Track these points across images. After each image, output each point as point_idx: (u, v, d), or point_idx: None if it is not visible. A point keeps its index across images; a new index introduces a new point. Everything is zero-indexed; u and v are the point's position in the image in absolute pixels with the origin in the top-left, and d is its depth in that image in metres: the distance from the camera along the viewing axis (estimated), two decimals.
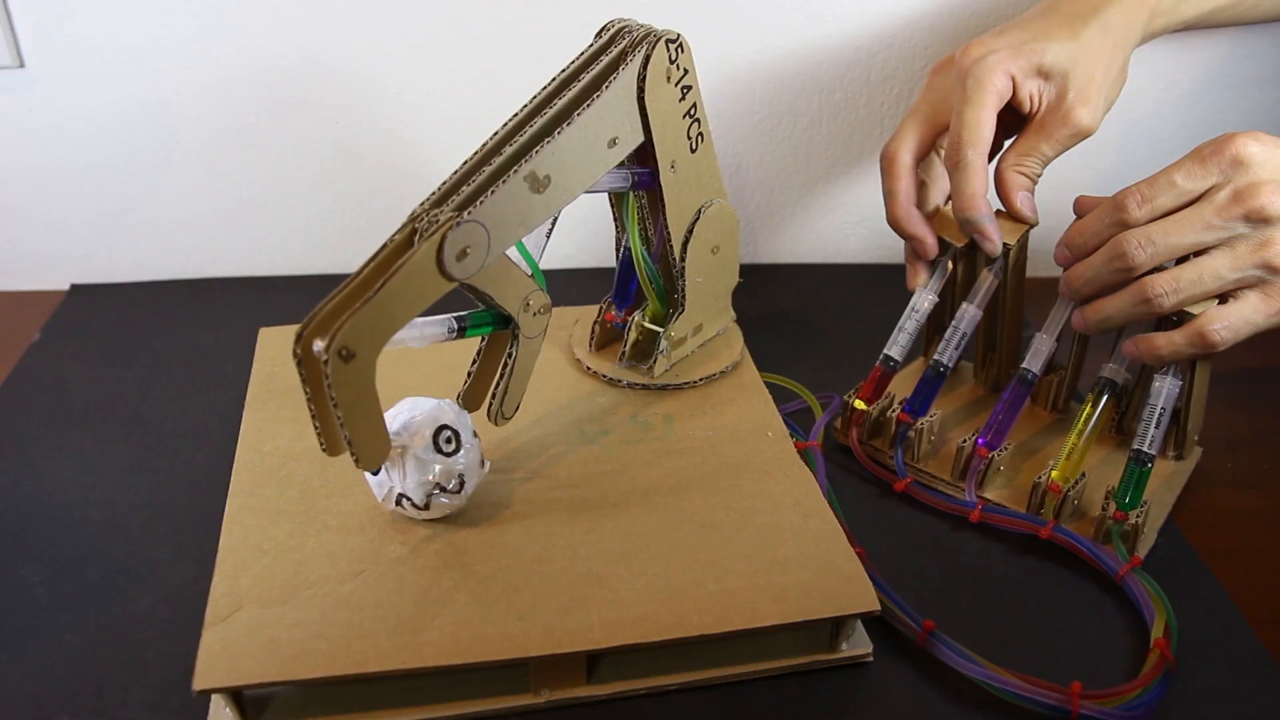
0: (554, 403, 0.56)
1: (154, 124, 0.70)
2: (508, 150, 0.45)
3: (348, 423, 0.41)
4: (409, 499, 0.45)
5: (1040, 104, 0.55)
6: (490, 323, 0.47)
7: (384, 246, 0.42)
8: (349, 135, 0.72)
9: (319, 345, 0.39)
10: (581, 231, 0.77)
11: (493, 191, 0.43)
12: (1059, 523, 0.51)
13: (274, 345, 0.61)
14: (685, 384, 0.58)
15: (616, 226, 0.57)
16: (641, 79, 0.48)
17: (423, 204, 0.43)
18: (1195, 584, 0.50)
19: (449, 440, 0.45)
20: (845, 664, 0.45)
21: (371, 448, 0.42)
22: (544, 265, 0.49)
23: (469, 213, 0.42)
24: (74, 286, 0.75)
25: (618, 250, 0.58)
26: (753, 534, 0.47)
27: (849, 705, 0.44)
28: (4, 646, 0.45)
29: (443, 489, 0.45)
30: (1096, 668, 0.46)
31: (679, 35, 0.49)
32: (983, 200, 0.53)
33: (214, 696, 0.41)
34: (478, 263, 0.43)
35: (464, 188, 0.43)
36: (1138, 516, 0.50)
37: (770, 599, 0.43)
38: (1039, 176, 0.55)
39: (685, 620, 0.42)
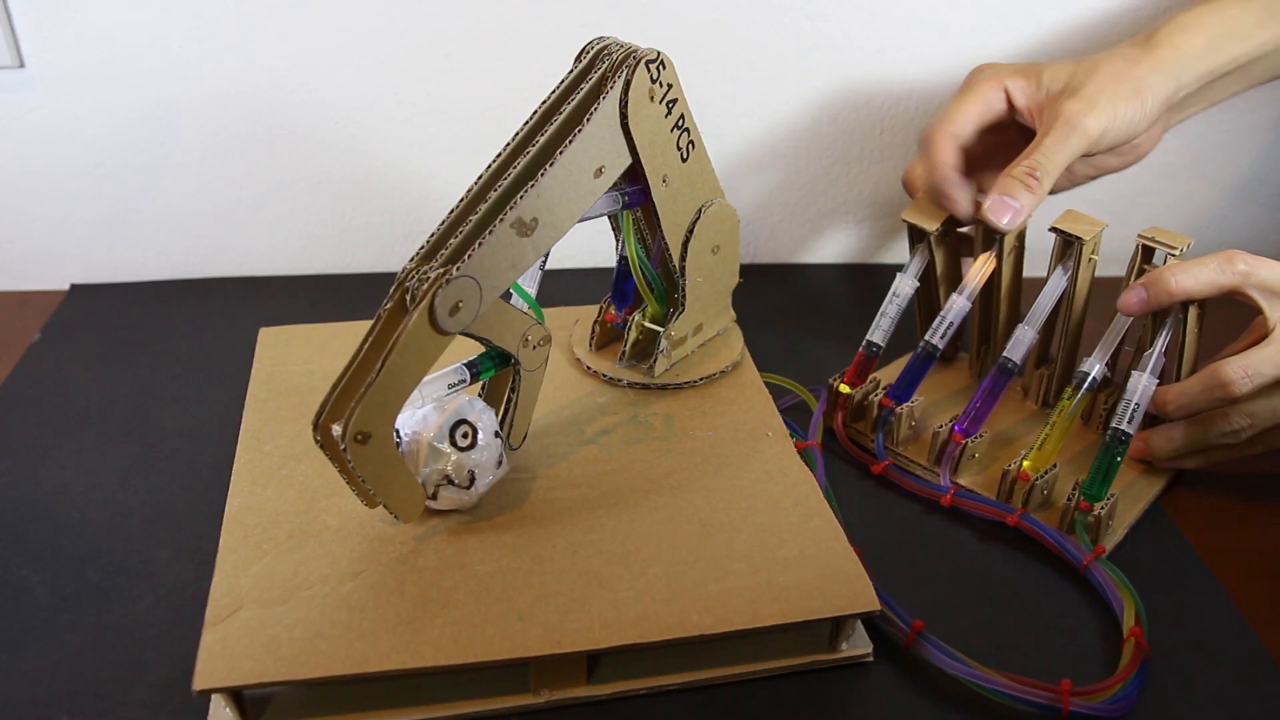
0: (554, 402, 0.56)
1: (154, 124, 0.70)
2: (492, 196, 0.44)
3: (378, 491, 0.43)
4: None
5: (1045, 115, 0.57)
6: (494, 365, 0.48)
7: (379, 317, 0.42)
8: (349, 135, 0.72)
9: (337, 430, 0.41)
10: (581, 231, 0.77)
11: (480, 244, 0.43)
12: (1027, 511, 0.52)
13: (274, 345, 0.61)
14: (685, 384, 0.58)
15: (615, 233, 0.57)
16: (624, 105, 0.47)
17: (412, 259, 0.43)
18: (1194, 583, 0.50)
19: (465, 435, 0.46)
20: (845, 664, 0.45)
21: (405, 503, 0.45)
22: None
23: (458, 267, 0.42)
24: (74, 286, 0.75)
25: (618, 252, 0.58)
26: (753, 534, 0.47)
27: (849, 705, 0.44)
28: (4, 646, 0.45)
29: (451, 481, 0.46)
30: (1070, 658, 0.46)
31: (659, 54, 0.48)
32: (948, 169, 0.57)
33: (214, 696, 0.41)
34: (471, 314, 0.43)
35: (451, 240, 0.43)
36: (1102, 508, 0.50)
37: (770, 599, 0.43)
38: (1046, 185, 0.55)
39: (685, 620, 0.42)
